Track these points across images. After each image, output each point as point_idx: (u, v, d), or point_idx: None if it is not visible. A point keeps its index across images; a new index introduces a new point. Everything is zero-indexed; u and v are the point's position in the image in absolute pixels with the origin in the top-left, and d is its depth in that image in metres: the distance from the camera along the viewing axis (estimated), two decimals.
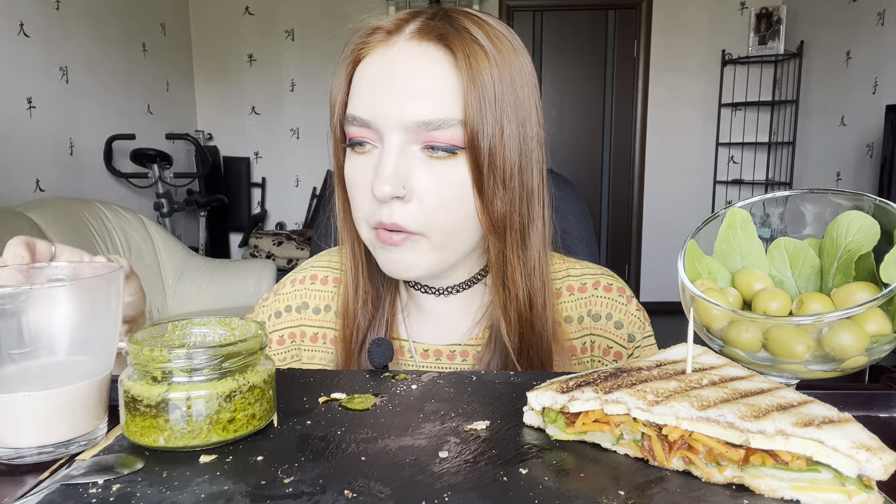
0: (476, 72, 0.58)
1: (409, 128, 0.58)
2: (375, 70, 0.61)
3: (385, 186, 0.58)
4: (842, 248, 0.45)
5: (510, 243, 0.64)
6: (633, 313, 0.73)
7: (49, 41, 2.93)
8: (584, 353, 0.72)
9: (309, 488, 0.35)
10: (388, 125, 0.59)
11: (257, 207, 4.66)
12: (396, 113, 0.58)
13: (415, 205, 0.60)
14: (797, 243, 0.48)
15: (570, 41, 4.66)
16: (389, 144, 0.59)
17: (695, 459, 0.36)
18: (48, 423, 0.40)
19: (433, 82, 0.59)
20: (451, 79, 0.59)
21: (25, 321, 0.40)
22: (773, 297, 0.44)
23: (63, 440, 0.41)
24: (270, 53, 4.48)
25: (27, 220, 2.34)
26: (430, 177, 0.59)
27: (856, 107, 3.65)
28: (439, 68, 0.59)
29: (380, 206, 0.60)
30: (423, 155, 0.60)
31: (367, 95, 0.60)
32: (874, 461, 0.32)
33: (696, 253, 0.48)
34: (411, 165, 0.59)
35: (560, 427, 0.41)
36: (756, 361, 0.43)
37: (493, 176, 0.60)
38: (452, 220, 0.61)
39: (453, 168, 0.60)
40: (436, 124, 0.58)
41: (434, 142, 0.59)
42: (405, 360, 0.73)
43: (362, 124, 0.61)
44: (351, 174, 0.63)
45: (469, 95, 0.58)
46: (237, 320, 0.48)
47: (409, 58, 0.59)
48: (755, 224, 0.50)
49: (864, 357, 0.41)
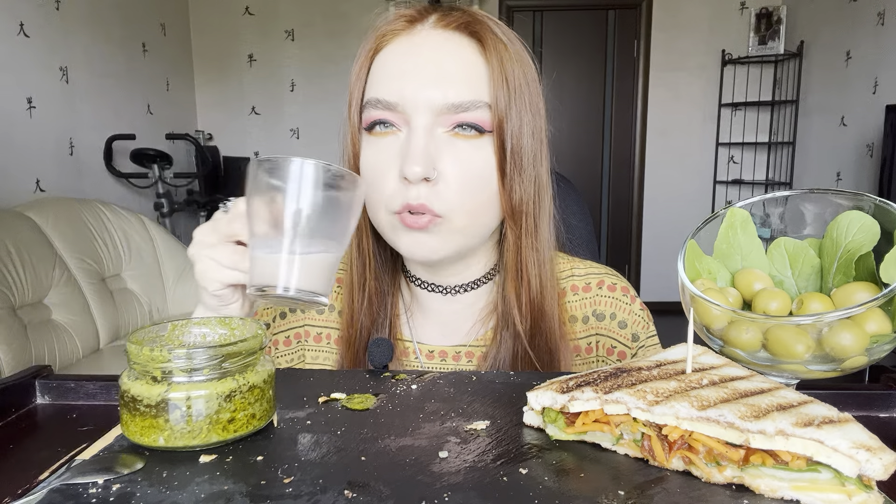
0: (501, 59, 0.61)
1: (437, 110, 0.60)
2: (401, 55, 0.62)
3: (416, 167, 0.58)
4: (842, 248, 0.45)
5: (525, 229, 0.66)
6: (636, 313, 0.73)
7: (49, 41, 2.93)
8: (590, 352, 0.72)
9: (309, 488, 0.35)
10: (417, 107, 0.60)
11: None
12: (425, 96, 0.60)
13: (441, 186, 0.60)
14: (797, 243, 0.48)
15: (570, 41, 4.66)
16: (417, 126, 0.60)
17: (695, 459, 0.36)
18: (306, 274, 0.49)
19: (461, 67, 0.61)
20: (478, 64, 0.61)
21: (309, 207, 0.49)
22: (773, 297, 0.44)
23: (310, 290, 0.49)
24: (270, 53, 4.48)
25: (27, 220, 2.34)
26: (455, 159, 0.61)
27: (856, 107, 3.65)
28: (466, 54, 0.61)
29: (405, 189, 0.60)
30: (448, 136, 0.61)
31: (394, 79, 0.61)
32: (874, 461, 0.32)
33: (696, 253, 0.48)
34: (439, 147, 0.61)
35: (560, 427, 0.41)
36: (756, 361, 0.43)
37: (514, 161, 0.62)
38: (476, 202, 0.62)
39: (478, 149, 0.61)
40: (464, 107, 0.60)
41: (463, 121, 0.60)
42: (410, 362, 0.72)
43: (387, 107, 0.61)
44: (370, 159, 0.63)
45: (497, 80, 0.61)
46: (237, 320, 0.48)
47: (436, 43, 0.62)
48: (755, 224, 0.50)
49: (864, 357, 0.41)
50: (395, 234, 0.64)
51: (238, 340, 0.42)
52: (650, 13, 4.45)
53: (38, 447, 0.46)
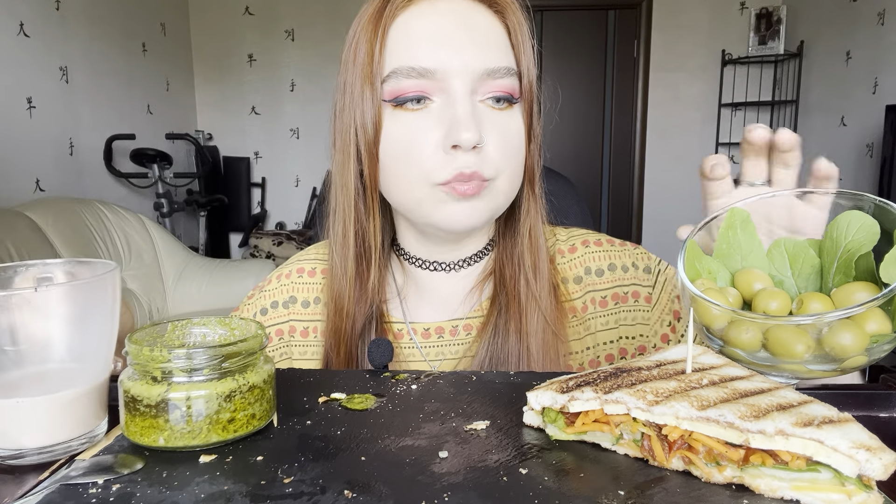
0: (522, 27, 0.64)
1: (475, 75, 0.60)
2: (427, 22, 0.61)
3: (468, 133, 0.58)
4: (842, 247, 0.45)
5: (537, 193, 0.69)
6: (633, 253, 0.73)
7: (49, 41, 2.93)
8: (585, 311, 0.72)
9: (309, 488, 0.35)
10: (455, 73, 0.59)
11: (257, 207, 4.66)
12: (462, 61, 0.59)
13: (487, 152, 0.61)
14: (797, 243, 0.48)
15: (570, 41, 4.66)
16: (458, 92, 0.60)
17: (694, 459, 0.36)
18: (50, 425, 0.40)
19: (490, 33, 0.62)
20: (502, 34, 0.63)
21: (22, 323, 0.40)
22: (773, 297, 0.44)
23: (64, 440, 0.41)
24: (270, 53, 4.48)
25: (27, 220, 2.34)
26: (494, 126, 0.61)
27: (856, 107, 3.65)
28: (491, 23, 0.63)
29: (452, 158, 0.59)
30: (483, 106, 0.61)
31: (427, 45, 0.60)
32: (874, 461, 0.32)
33: (696, 253, 0.48)
34: (480, 114, 0.61)
35: (560, 427, 0.41)
36: (756, 361, 0.43)
37: (533, 128, 0.66)
38: (515, 164, 0.64)
39: (509, 118, 0.63)
40: (500, 72, 0.61)
41: (497, 91, 0.61)
42: (405, 343, 0.71)
43: (421, 74, 0.59)
44: (405, 132, 0.61)
45: (523, 47, 0.63)
46: (237, 320, 0.48)
47: (462, 10, 0.62)
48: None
49: (864, 357, 0.41)
50: (438, 207, 0.61)
51: (238, 340, 0.42)
52: (650, 13, 4.45)
53: None
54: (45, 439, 0.40)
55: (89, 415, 0.42)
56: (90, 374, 0.42)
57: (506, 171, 0.62)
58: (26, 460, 0.40)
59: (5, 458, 0.40)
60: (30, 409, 0.40)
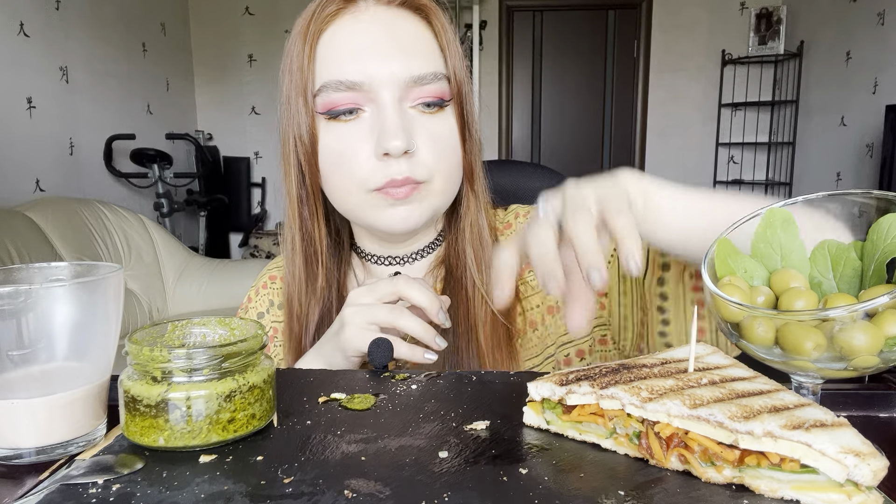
0: (447, 30, 0.64)
1: (403, 84, 0.61)
2: (353, 35, 0.62)
3: (397, 141, 0.59)
4: (879, 250, 0.44)
5: (477, 190, 0.70)
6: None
7: (49, 41, 2.93)
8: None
9: (309, 488, 0.35)
10: (383, 83, 0.61)
11: (257, 207, 4.66)
12: (389, 71, 0.61)
13: (418, 157, 0.62)
14: (840, 245, 0.47)
15: (570, 41, 4.66)
16: (387, 102, 0.61)
17: (690, 459, 0.36)
18: (47, 426, 0.40)
19: (415, 41, 0.63)
20: (429, 38, 0.64)
21: (25, 322, 0.40)
22: (800, 296, 0.44)
23: (62, 441, 0.41)
24: (270, 53, 4.48)
25: (27, 220, 2.34)
26: (425, 130, 0.63)
27: (856, 107, 3.65)
28: (416, 29, 0.64)
29: (385, 165, 0.61)
30: (414, 112, 0.63)
31: (353, 59, 0.62)
32: (862, 467, 0.31)
33: (730, 250, 0.48)
34: (410, 122, 0.62)
35: (557, 414, 0.42)
36: (771, 358, 0.43)
37: (468, 126, 0.66)
38: (450, 165, 0.65)
39: (441, 121, 0.64)
40: (427, 78, 0.62)
41: (427, 97, 0.63)
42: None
43: (350, 87, 0.61)
44: (339, 142, 0.63)
45: (451, 51, 0.64)
46: (237, 320, 0.48)
47: (387, 20, 0.63)
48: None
49: (876, 358, 0.40)
50: (375, 212, 0.64)
51: (238, 340, 0.42)
52: (650, 13, 4.45)
53: None
54: (45, 439, 0.40)
55: (90, 415, 0.42)
56: (91, 375, 0.42)
57: (440, 172, 0.64)
58: (26, 460, 0.40)
59: (5, 459, 0.40)
60: (28, 409, 0.40)
